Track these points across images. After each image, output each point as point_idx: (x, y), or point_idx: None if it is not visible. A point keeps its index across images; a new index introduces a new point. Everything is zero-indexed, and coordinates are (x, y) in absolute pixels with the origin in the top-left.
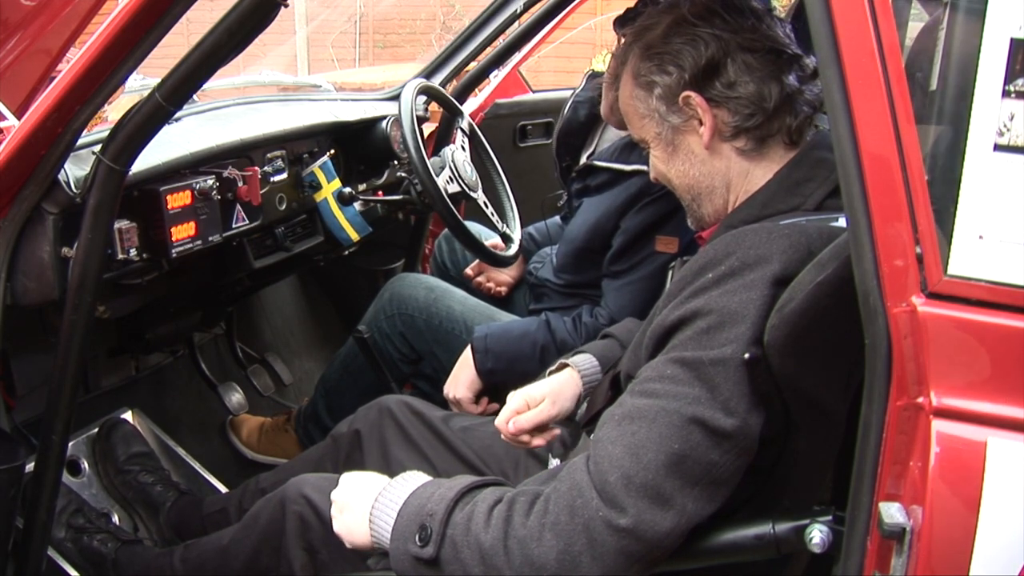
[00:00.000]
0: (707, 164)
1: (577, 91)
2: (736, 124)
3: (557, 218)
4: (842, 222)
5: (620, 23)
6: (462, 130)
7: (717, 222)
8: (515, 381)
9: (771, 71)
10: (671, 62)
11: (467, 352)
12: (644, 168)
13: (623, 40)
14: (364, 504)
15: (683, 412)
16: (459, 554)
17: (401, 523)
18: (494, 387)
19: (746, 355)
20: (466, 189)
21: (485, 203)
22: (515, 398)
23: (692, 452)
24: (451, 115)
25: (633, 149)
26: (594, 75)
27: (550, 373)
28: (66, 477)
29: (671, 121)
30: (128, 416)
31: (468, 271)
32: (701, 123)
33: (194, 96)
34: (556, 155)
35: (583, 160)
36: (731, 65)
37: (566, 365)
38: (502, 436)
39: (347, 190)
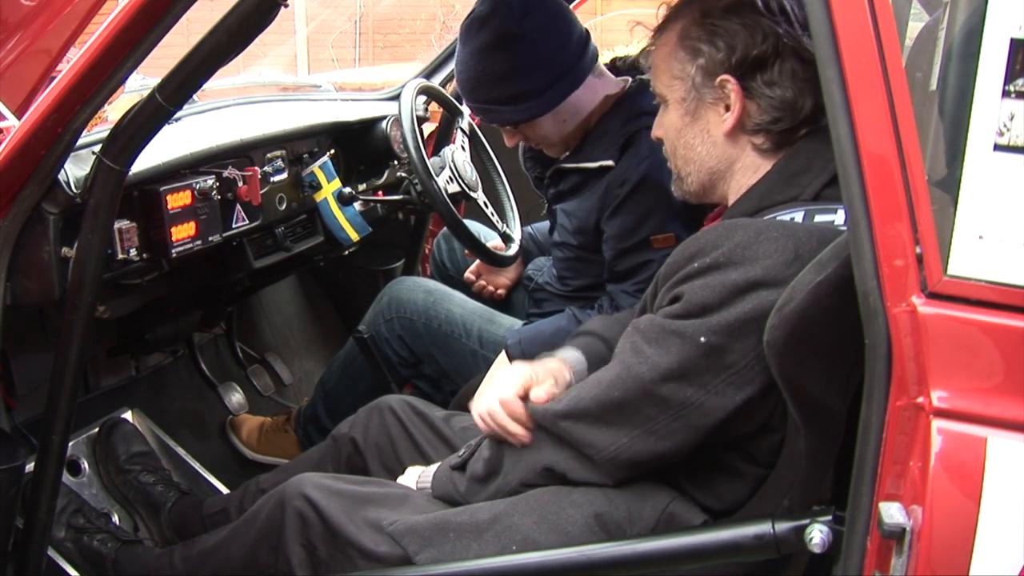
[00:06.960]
0: (718, 148)
1: None
2: (761, 122)
3: None
4: (839, 215)
5: None
6: (462, 130)
7: (706, 199)
8: None
9: (812, 84)
10: (723, 39)
11: (502, 360)
12: (609, 163)
13: None
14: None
15: (632, 367)
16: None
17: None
18: None
19: (702, 339)
20: (466, 189)
21: (485, 203)
22: (522, 371)
23: (632, 402)
24: (451, 115)
25: (596, 144)
26: None
27: None
28: (66, 477)
29: (701, 94)
30: (128, 416)
31: (468, 275)
32: (727, 109)
33: (194, 96)
34: (524, 167)
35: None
36: (778, 66)
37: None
38: (498, 411)
39: (347, 190)
